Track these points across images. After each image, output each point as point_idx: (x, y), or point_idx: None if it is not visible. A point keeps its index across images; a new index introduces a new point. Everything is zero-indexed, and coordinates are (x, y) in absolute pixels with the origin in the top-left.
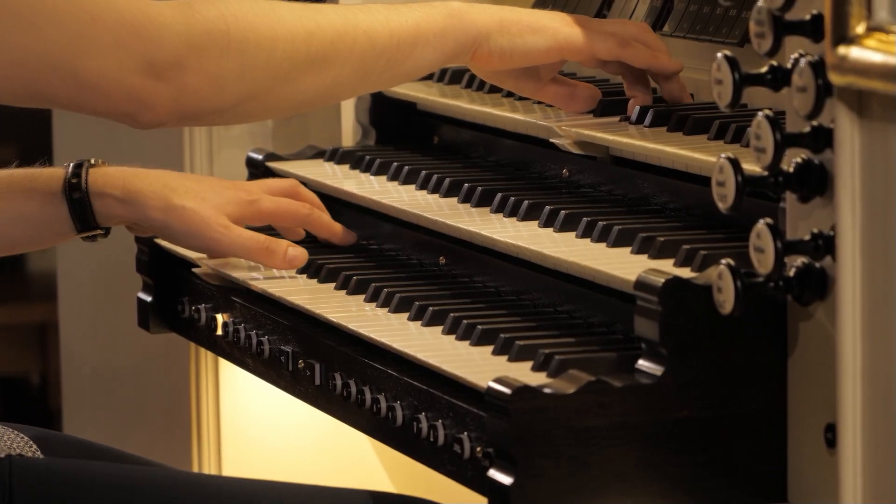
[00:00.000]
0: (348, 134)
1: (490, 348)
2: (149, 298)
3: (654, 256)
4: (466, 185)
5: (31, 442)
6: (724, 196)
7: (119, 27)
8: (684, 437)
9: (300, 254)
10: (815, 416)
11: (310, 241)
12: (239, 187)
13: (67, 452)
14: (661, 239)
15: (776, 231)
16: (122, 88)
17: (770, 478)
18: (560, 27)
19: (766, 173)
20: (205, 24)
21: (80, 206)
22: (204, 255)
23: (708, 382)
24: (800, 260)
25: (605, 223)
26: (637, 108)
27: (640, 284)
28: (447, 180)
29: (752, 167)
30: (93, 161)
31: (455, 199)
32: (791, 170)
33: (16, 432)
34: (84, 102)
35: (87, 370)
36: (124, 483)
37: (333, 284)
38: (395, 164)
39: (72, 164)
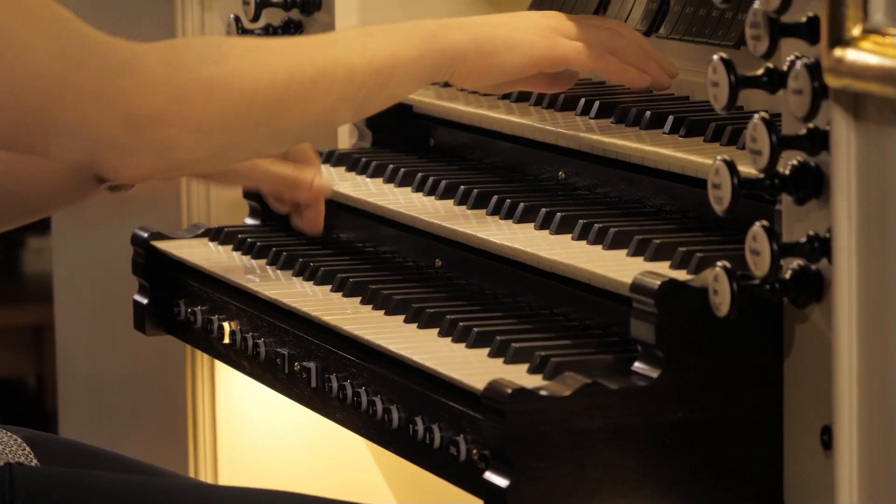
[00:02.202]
0: (344, 136)
1: (486, 350)
2: (145, 301)
3: (650, 259)
4: (462, 187)
5: (24, 444)
6: (721, 198)
7: (104, 75)
8: (681, 440)
9: (326, 183)
10: (811, 419)
11: (305, 243)
12: None
13: (60, 454)
14: (658, 241)
15: (772, 233)
16: (101, 140)
17: (766, 480)
18: (535, 41)
19: (762, 175)
20: (187, 73)
21: None
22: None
23: (704, 385)
24: (796, 262)
25: (601, 225)
26: (633, 109)
27: (636, 287)
28: (443, 182)
29: (748, 169)
30: None
31: (451, 202)
32: (787, 172)
33: (9, 434)
34: (66, 152)
35: (83, 372)
36: (125, 492)
37: (329, 287)
38: (391, 166)
39: None
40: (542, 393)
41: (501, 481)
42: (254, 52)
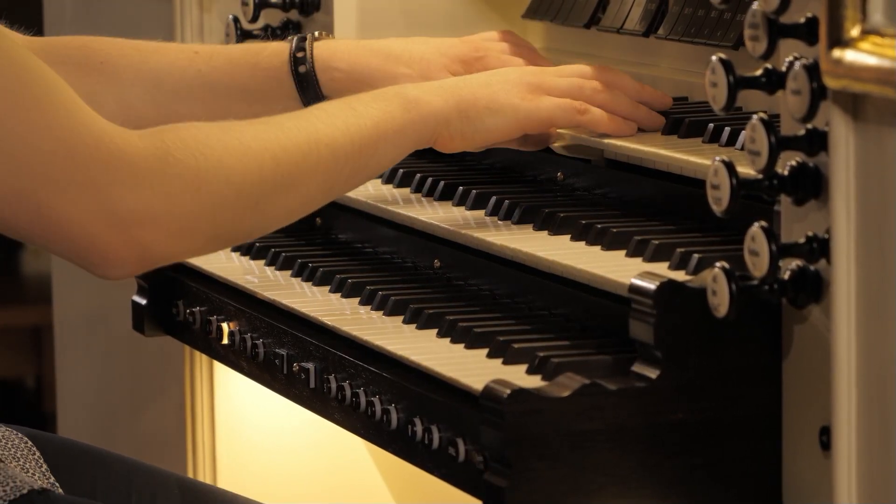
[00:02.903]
0: None
1: (485, 351)
2: (143, 301)
3: (648, 259)
4: (461, 188)
5: (33, 446)
6: (719, 199)
7: (94, 166)
8: (679, 440)
9: None
10: (810, 419)
11: (304, 243)
12: (465, 42)
13: (61, 454)
14: (656, 242)
15: (771, 234)
16: (85, 235)
17: (765, 480)
18: (519, 104)
19: (760, 176)
20: (177, 168)
21: (305, 79)
22: None
23: (703, 385)
24: (794, 263)
25: (599, 226)
26: None
27: (635, 287)
28: (442, 183)
29: (746, 170)
30: (317, 34)
31: (450, 203)
32: (786, 173)
33: (18, 435)
34: (47, 240)
35: (83, 373)
36: None
37: (328, 287)
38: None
39: (296, 38)
40: (541, 394)
41: (500, 482)
42: (240, 139)
